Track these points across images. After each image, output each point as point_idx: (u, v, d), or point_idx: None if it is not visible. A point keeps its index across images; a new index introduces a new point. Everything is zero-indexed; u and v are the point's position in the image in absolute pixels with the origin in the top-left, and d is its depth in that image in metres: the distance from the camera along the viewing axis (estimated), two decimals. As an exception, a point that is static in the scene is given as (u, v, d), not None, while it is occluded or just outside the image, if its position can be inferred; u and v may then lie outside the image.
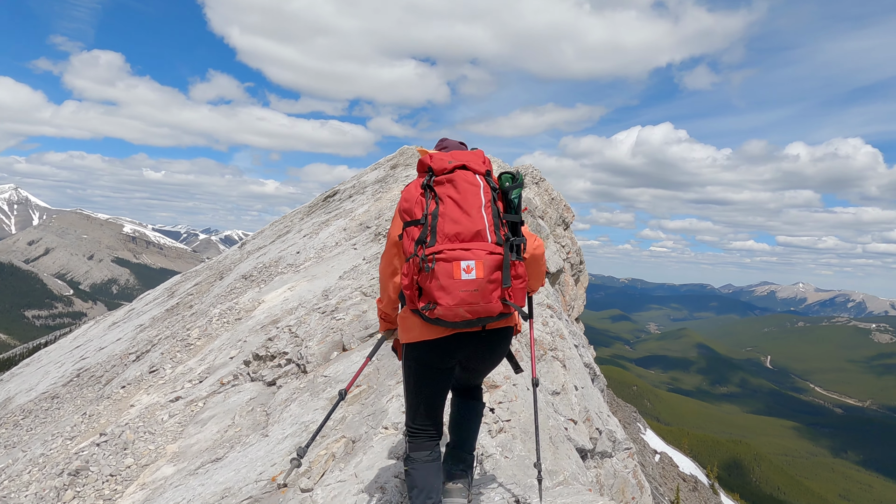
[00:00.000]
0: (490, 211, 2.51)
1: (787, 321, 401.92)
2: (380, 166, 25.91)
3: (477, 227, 2.45)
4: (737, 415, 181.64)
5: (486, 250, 2.41)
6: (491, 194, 2.56)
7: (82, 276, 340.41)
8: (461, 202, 2.49)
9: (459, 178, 2.55)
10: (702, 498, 37.24)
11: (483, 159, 2.70)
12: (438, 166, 2.60)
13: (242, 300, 9.75)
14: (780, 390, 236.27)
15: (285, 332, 6.09)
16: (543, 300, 5.03)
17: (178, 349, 7.82)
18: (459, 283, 2.36)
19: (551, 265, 11.09)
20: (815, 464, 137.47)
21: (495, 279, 2.40)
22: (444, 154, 2.68)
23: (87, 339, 22.10)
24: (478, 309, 2.40)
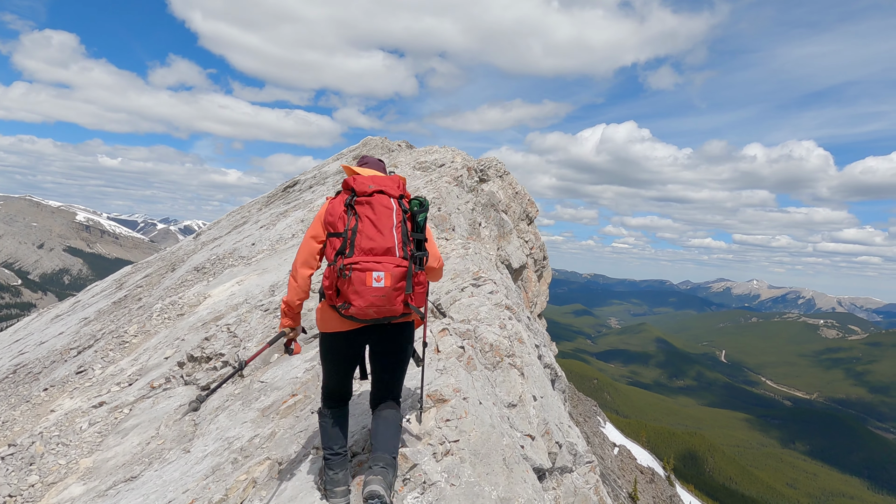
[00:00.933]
0: (400, 230, 3.08)
1: (741, 317, 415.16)
2: (342, 156, 25.41)
3: (388, 245, 3.02)
4: (692, 407, 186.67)
5: (394, 264, 2.99)
6: (402, 216, 3.13)
7: (31, 265, 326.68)
8: (376, 222, 3.05)
9: (376, 201, 3.10)
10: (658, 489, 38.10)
11: (398, 184, 3.26)
12: (360, 189, 3.14)
13: (188, 294, 9.27)
14: (734, 383, 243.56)
15: (223, 331, 5.73)
16: (502, 300, 4.92)
17: (112, 347, 7.33)
18: (370, 290, 2.95)
19: (514, 261, 10.93)
20: (765, 454, 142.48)
21: (400, 287, 3.01)
22: (366, 178, 3.21)
23: (27, 333, 20.99)
24: (384, 310, 3.02)
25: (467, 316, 4.60)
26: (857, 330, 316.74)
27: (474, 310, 4.70)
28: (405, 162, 18.75)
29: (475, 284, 5.23)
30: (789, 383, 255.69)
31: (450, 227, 7.86)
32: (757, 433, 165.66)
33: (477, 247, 6.89)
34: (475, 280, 5.34)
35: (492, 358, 3.92)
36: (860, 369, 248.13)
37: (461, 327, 4.27)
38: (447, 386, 3.58)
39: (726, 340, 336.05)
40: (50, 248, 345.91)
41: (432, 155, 18.27)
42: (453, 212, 8.67)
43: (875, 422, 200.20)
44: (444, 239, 7.33)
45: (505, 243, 10.87)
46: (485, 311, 4.67)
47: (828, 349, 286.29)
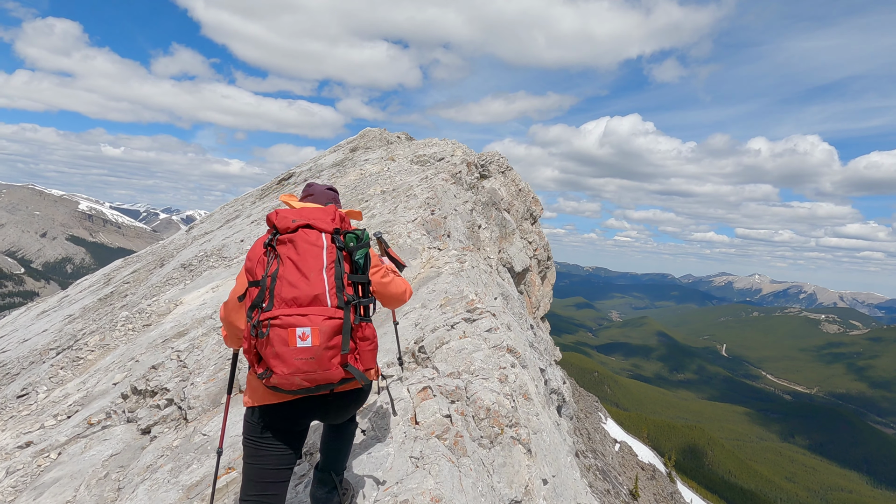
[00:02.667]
0: (333, 272, 2.44)
1: (742, 311, 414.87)
2: (339, 149, 24.64)
3: (315, 292, 2.37)
4: (693, 401, 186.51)
5: (324, 315, 2.34)
6: (335, 255, 2.48)
7: (34, 254, 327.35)
8: (300, 264, 2.41)
9: (300, 238, 2.46)
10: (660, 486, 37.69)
11: (333, 216, 2.59)
12: (282, 225, 2.50)
13: (161, 300, 8.58)
14: (734, 377, 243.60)
15: (173, 359, 5.02)
16: (502, 340, 3.94)
17: (64, 364, 6.66)
18: (295, 352, 2.30)
19: (517, 264, 10.17)
20: (765, 448, 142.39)
21: (334, 345, 2.35)
22: (290, 211, 2.57)
23: (12, 328, 20.40)
24: (315, 377, 2.35)
25: (457, 366, 3.68)
26: (858, 325, 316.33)
27: (467, 356, 3.79)
28: (403, 155, 18.00)
29: (469, 319, 4.28)
30: (790, 378, 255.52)
31: (444, 233, 7.05)
32: (757, 427, 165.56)
33: (474, 259, 6.08)
34: (469, 312, 4.41)
35: (488, 429, 3.05)
36: (861, 364, 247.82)
37: (448, 384, 3.38)
38: (423, 492, 2.66)
39: (727, 334, 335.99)
40: (53, 237, 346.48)
41: (431, 148, 17.50)
42: (450, 214, 7.86)
43: (875, 417, 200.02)
44: (436, 249, 6.55)
45: (507, 245, 10.10)
46: (480, 359, 3.76)
47: (829, 344, 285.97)
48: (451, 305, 4.64)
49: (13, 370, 13.36)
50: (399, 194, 9.11)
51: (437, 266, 5.89)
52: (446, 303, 4.72)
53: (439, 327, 4.19)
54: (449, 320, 4.27)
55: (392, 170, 13.97)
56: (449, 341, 3.93)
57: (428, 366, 3.81)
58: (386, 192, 10.44)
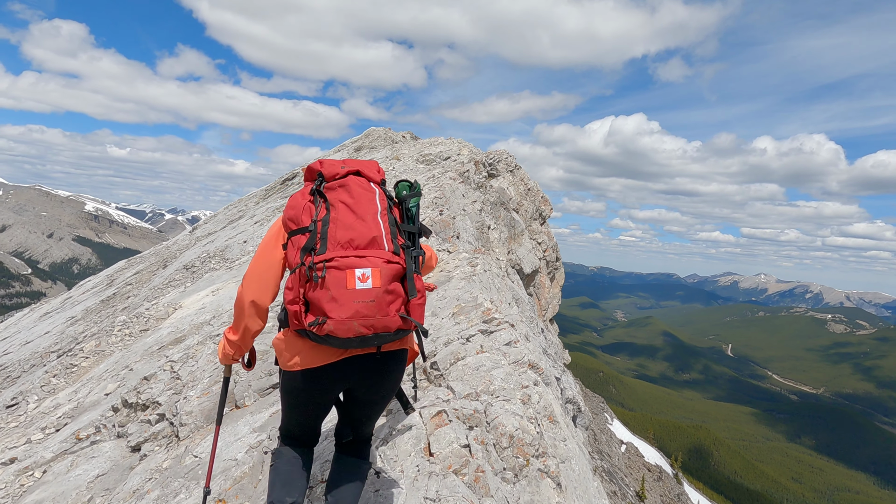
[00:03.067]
0: (386, 219, 2.31)
1: (748, 311, 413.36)
2: (344, 148, 24.41)
3: (372, 234, 2.24)
4: (698, 401, 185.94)
5: (383, 258, 2.21)
6: (387, 202, 2.37)
7: (41, 254, 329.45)
8: (355, 207, 2.28)
9: (353, 182, 2.33)
10: (666, 487, 37.41)
11: (377, 168, 2.48)
12: (330, 171, 2.37)
13: (161, 303, 8.35)
14: (740, 377, 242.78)
15: (166, 369, 4.76)
16: (523, 354, 3.54)
17: (57, 372, 6.42)
18: (354, 294, 2.13)
19: (526, 266, 9.87)
20: (771, 448, 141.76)
21: (393, 290, 2.20)
22: (335, 160, 2.43)
23: (16, 330, 20.27)
24: (374, 323, 2.16)
25: (475, 385, 3.28)
26: (865, 325, 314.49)
27: (485, 374, 3.38)
28: (409, 154, 17.75)
29: (486, 331, 3.88)
30: (796, 378, 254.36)
31: (453, 233, 6.75)
32: (762, 427, 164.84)
33: (486, 262, 5.72)
34: (486, 322, 4.01)
35: (512, 460, 2.69)
36: (868, 364, 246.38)
37: (466, 407, 2.98)
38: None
39: (733, 334, 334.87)
40: (59, 238, 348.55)
41: (437, 147, 17.22)
42: (458, 214, 7.56)
43: (882, 417, 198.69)
44: (445, 251, 6.25)
45: (516, 246, 9.81)
46: (500, 377, 3.34)
47: (835, 344, 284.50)
48: (464, 315, 4.31)
49: (14, 373, 13.19)
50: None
51: (447, 270, 5.61)
52: (459, 311, 4.40)
53: (453, 340, 3.85)
54: (464, 332, 3.96)
55: (397, 169, 13.67)
56: (465, 357, 3.59)
57: (442, 385, 3.47)
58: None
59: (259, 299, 2.38)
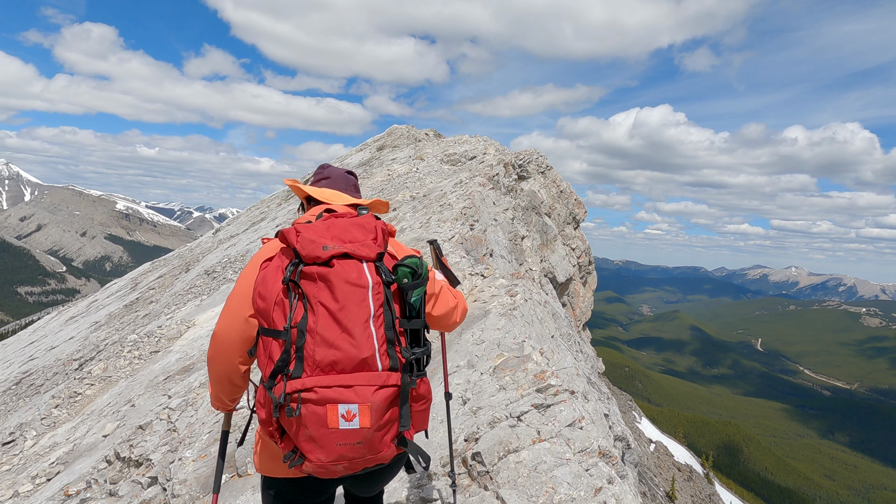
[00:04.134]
0: (382, 322, 1.73)
1: (778, 304, 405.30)
2: (366, 147, 24.04)
3: (362, 354, 1.68)
4: (727, 396, 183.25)
5: (376, 384, 1.69)
6: (384, 294, 1.76)
7: (75, 252, 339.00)
8: (339, 314, 1.69)
9: (338, 277, 1.72)
10: (697, 487, 36.56)
11: (375, 234, 1.86)
12: (308, 252, 1.74)
13: (176, 318, 8.02)
14: (770, 373, 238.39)
15: (163, 418, 4.33)
16: (593, 440, 2.79)
17: (62, 401, 6.11)
18: (337, 435, 1.66)
19: (559, 274, 9.26)
20: (803, 445, 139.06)
21: (388, 420, 1.72)
22: (317, 229, 1.83)
23: (42, 335, 20.42)
24: (362, 463, 1.76)
25: (535, 494, 2.49)
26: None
27: (547, 477, 2.58)
28: (433, 154, 17.25)
29: (541, 405, 3.05)
30: (829, 373, 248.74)
31: (486, 252, 6.10)
32: (794, 423, 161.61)
33: (527, 289, 4.90)
34: (540, 391, 3.18)
35: None
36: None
37: None
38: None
39: (763, 328, 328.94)
40: (92, 236, 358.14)
41: (462, 146, 16.66)
42: (489, 225, 6.94)
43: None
44: (479, 276, 5.44)
45: (548, 252, 9.21)
46: (567, 480, 2.54)
47: (871, 338, 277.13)
48: (510, 372, 3.57)
49: (37, 381, 13.13)
50: (431, 202, 8.24)
51: (482, 300, 4.96)
52: (503, 365, 3.67)
53: (500, 420, 3.08)
54: (512, 406, 3.20)
55: (421, 170, 13.18)
56: (518, 448, 2.78)
57: (489, 488, 2.68)
58: (416, 197, 9.61)
59: (230, 374, 1.98)
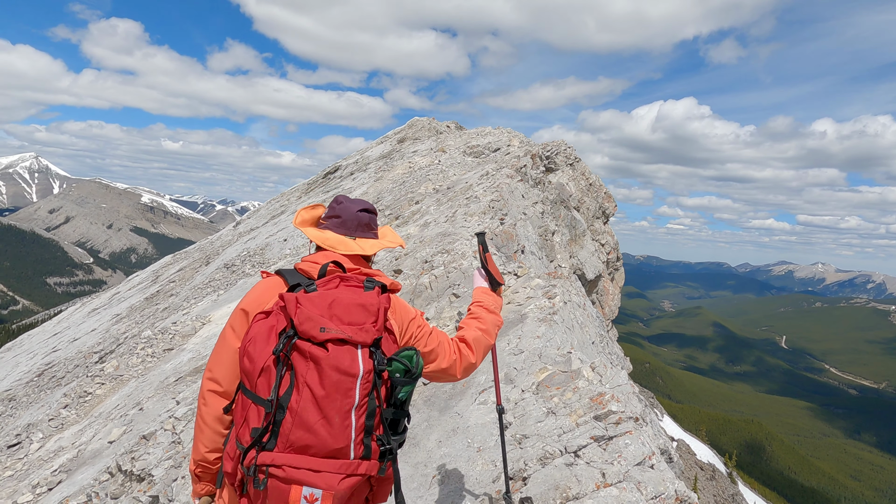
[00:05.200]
0: (364, 412, 1.70)
1: (804, 301, 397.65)
2: (387, 140, 23.77)
3: (337, 444, 1.67)
4: (750, 394, 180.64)
5: (343, 473, 1.68)
6: (372, 383, 1.70)
7: (102, 244, 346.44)
8: (323, 402, 1.65)
9: (329, 363, 1.66)
10: (720, 487, 35.93)
11: (376, 316, 1.78)
12: (305, 329, 1.68)
13: (192, 313, 7.80)
14: (795, 370, 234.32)
15: (168, 429, 4.04)
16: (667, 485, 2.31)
17: (71, 400, 5.90)
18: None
19: (588, 271, 8.83)
20: (828, 444, 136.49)
21: (351, 498, 1.73)
22: (319, 305, 1.74)
23: (66, 326, 20.57)
24: None
25: None
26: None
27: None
28: (455, 146, 16.86)
29: (602, 437, 2.56)
30: (855, 371, 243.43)
31: (518, 248, 5.70)
32: (819, 422, 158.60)
33: (565, 289, 4.44)
34: (598, 419, 2.71)
35: None
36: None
37: None
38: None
39: (787, 325, 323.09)
40: (118, 229, 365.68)
41: (485, 138, 16.25)
42: (518, 220, 6.51)
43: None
44: (512, 274, 5.02)
45: (577, 248, 8.78)
46: None
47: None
48: (557, 391, 3.04)
49: (58, 373, 13.14)
50: (456, 195, 7.86)
51: (516, 302, 4.54)
52: (548, 381, 3.18)
53: (553, 455, 2.56)
54: (567, 437, 2.67)
55: (444, 163, 12.80)
56: (579, 495, 2.28)
57: None
58: (439, 190, 9.25)
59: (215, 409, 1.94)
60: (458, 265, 4.93)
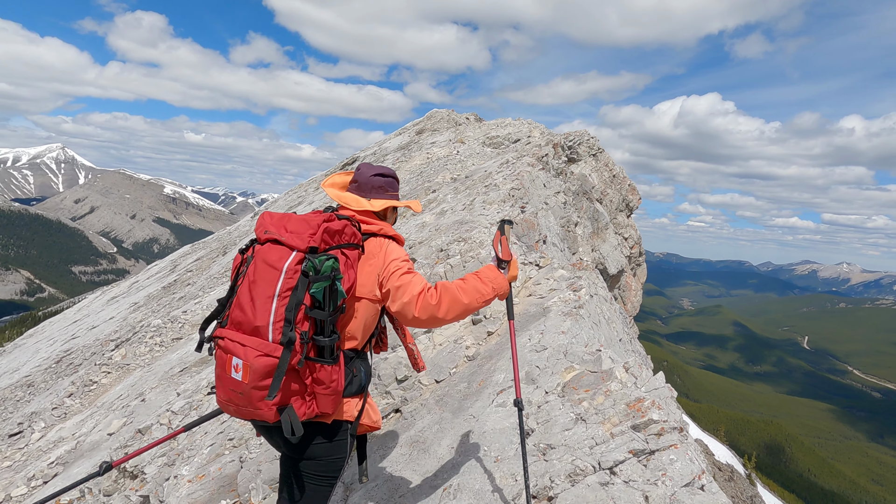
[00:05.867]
0: (286, 302, 2.03)
1: (827, 301, 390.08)
2: (405, 132, 23.53)
3: (257, 322, 2.04)
4: (770, 394, 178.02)
5: (260, 351, 2.00)
6: (297, 281, 2.06)
7: (125, 234, 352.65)
8: (252, 287, 2.09)
9: (261, 256, 2.12)
10: (738, 489, 35.35)
11: (315, 230, 2.14)
12: (257, 233, 2.22)
13: (204, 302, 7.63)
14: (817, 372, 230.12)
15: (163, 423, 3.84)
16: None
17: (75, 389, 5.77)
18: (228, 381, 2.06)
19: (611, 266, 8.47)
20: (849, 447, 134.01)
21: (263, 386, 2.01)
22: (277, 216, 2.25)
23: (85, 314, 20.75)
24: (245, 413, 2.11)
25: None
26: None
27: None
28: (474, 137, 16.55)
29: (642, 451, 2.23)
30: (880, 374, 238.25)
31: (539, 238, 5.39)
32: (841, 425, 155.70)
33: (591, 281, 4.18)
34: (637, 429, 2.36)
35: None
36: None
37: None
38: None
39: (810, 326, 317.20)
40: (141, 219, 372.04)
41: (505, 129, 15.90)
42: (540, 209, 6.17)
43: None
44: (533, 265, 4.64)
45: (599, 242, 8.43)
46: None
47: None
48: (587, 394, 2.67)
49: (76, 360, 13.17)
50: (475, 183, 7.55)
51: (538, 294, 4.16)
52: (575, 382, 2.79)
53: (584, 472, 2.20)
54: (600, 450, 2.31)
55: (462, 153, 12.50)
56: None
57: None
58: (457, 179, 8.95)
59: None
60: (475, 254, 4.62)
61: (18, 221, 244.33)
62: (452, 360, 3.26)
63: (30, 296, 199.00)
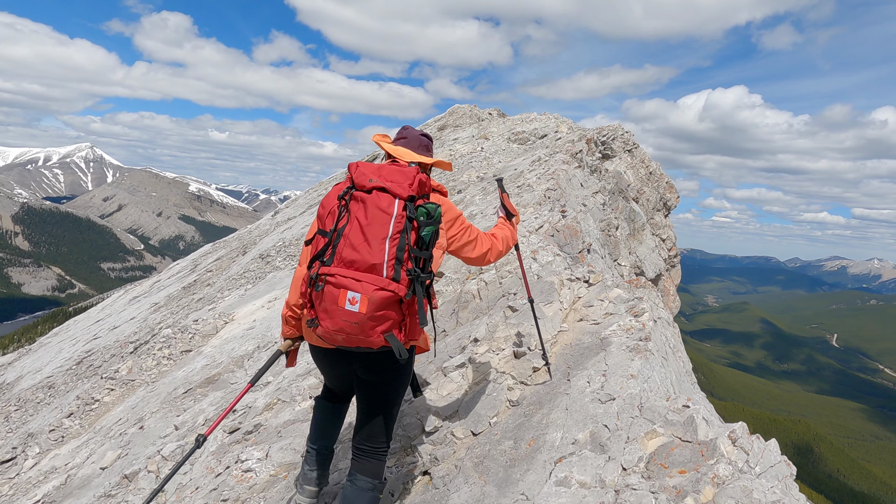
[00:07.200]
0: (396, 243, 2.35)
1: (858, 298, 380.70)
2: (427, 127, 23.08)
3: (373, 260, 2.32)
4: (798, 393, 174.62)
5: (377, 285, 2.30)
6: (404, 224, 2.38)
7: (152, 231, 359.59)
8: (366, 229, 2.35)
9: (372, 202, 2.38)
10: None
11: (412, 181, 2.45)
12: (358, 181, 2.45)
13: (218, 309, 7.30)
14: (847, 370, 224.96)
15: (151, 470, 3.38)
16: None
17: (75, 409, 5.44)
18: (343, 312, 2.31)
19: (648, 269, 7.86)
20: (881, 448, 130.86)
21: (380, 316, 2.32)
22: (370, 168, 2.49)
23: (108, 314, 20.75)
24: (355, 340, 2.39)
25: None
26: None
27: None
28: (498, 132, 15.99)
29: None
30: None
31: (584, 247, 4.71)
32: (872, 425, 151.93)
33: (653, 304, 3.48)
34: None
35: None
36: None
37: None
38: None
39: (840, 323, 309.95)
40: (167, 217, 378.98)
41: (531, 124, 15.30)
42: (579, 212, 5.59)
43: None
44: (581, 282, 3.88)
45: (636, 244, 7.82)
46: None
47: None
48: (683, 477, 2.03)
49: (96, 362, 13.03)
50: (505, 183, 7.04)
51: (591, 318, 3.44)
52: (663, 457, 2.15)
53: None
54: None
55: (487, 150, 11.93)
56: None
57: None
58: (484, 178, 8.40)
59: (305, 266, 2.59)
60: (513, 268, 4.02)
61: (49, 219, 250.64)
62: (492, 406, 2.69)
63: (61, 292, 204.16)
